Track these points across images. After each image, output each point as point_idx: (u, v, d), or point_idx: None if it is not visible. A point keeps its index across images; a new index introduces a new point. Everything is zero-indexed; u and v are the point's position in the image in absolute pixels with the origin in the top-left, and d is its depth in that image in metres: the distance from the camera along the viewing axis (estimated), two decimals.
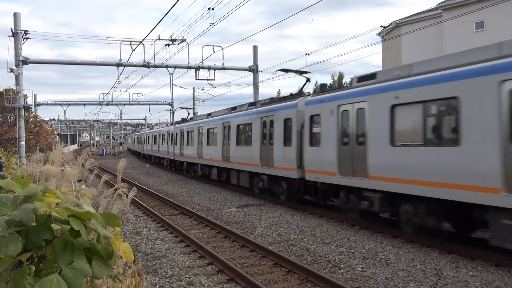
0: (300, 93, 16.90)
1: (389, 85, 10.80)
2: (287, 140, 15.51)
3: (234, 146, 20.20)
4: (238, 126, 20.10)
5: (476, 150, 8.46)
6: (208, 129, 24.40)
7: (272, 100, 18.72)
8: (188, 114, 37.89)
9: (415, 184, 9.72)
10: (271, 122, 16.71)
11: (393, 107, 10.52)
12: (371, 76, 11.96)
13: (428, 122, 9.89)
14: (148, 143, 46.97)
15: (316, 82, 73.66)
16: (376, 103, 11.11)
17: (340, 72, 65.82)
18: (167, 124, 44.60)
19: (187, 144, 28.87)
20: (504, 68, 8.01)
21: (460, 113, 8.83)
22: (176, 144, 32.01)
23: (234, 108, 21.98)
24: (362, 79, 12.35)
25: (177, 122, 34.98)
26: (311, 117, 14.03)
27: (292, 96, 16.84)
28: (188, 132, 28.89)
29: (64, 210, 1.79)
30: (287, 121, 15.54)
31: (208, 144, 24.34)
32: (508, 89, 7.90)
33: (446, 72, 9.27)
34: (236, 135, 20.11)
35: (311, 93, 18.54)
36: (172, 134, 33.67)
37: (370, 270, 8.44)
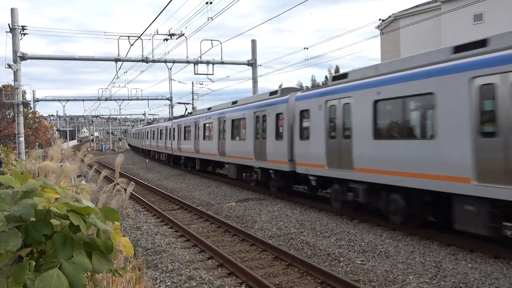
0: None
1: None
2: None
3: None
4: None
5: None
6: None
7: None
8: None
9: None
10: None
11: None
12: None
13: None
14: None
15: (312, 76, 73.60)
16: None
17: (336, 66, 65.66)
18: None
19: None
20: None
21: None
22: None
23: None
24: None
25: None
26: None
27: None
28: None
29: (64, 205, 1.79)
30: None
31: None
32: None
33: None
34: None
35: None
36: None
37: (370, 263, 8.47)
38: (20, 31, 25.04)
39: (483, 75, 8.44)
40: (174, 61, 29.72)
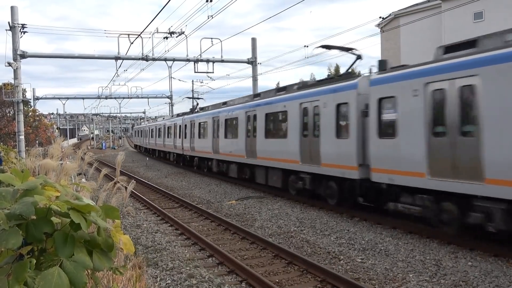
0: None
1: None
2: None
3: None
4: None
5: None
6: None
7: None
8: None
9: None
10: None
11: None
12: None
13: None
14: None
15: (312, 75, 73.51)
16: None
17: (336, 64, 65.62)
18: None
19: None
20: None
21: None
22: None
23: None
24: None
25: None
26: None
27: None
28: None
29: (64, 203, 1.79)
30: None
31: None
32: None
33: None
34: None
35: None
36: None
37: (370, 261, 8.48)
38: (20, 29, 25.04)
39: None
40: (174, 59, 29.72)
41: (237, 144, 19.87)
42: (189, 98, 37.48)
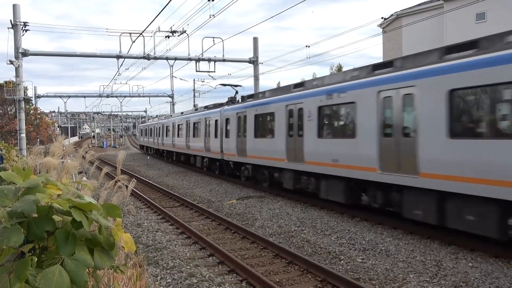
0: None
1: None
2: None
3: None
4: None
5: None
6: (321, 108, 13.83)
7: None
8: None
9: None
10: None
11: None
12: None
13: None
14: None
15: (314, 75, 73.35)
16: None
17: (339, 64, 65.65)
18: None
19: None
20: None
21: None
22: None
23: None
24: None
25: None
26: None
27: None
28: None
29: (66, 201, 1.79)
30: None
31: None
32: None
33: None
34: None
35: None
36: (216, 121, 23.13)
37: (370, 261, 8.47)
38: (22, 27, 25.06)
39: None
40: (175, 58, 29.72)
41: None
42: (224, 85, 26.18)
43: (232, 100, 23.60)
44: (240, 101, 22.37)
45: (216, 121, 23.31)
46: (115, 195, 6.75)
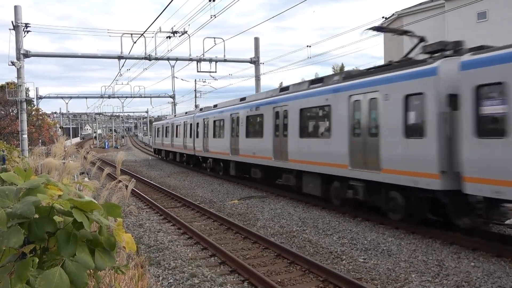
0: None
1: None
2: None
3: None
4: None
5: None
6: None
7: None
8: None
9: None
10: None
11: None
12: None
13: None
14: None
15: (316, 74, 73.41)
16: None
17: (342, 63, 65.74)
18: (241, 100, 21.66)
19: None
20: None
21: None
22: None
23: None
24: (282, 89, 17.18)
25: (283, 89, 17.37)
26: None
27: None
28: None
29: (67, 201, 1.79)
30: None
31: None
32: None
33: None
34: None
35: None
36: (191, 124, 24.14)
37: (372, 261, 8.46)
38: (24, 29, 25.11)
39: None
40: (177, 59, 29.74)
41: None
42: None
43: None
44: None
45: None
46: (115, 194, 6.75)
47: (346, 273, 7.78)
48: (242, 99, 21.21)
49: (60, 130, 63.60)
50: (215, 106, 25.68)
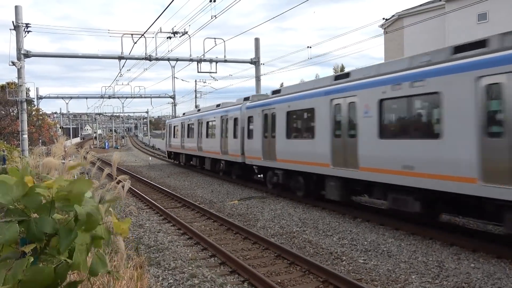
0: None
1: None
2: None
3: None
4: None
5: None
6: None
7: None
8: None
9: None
10: None
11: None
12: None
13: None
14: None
15: (317, 75, 73.39)
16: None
17: (342, 64, 65.84)
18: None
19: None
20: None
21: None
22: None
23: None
24: (274, 92, 17.88)
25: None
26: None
27: None
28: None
29: (63, 181, 1.81)
30: None
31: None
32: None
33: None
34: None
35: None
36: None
37: (372, 262, 8.45)
38: (24, 29, 25.11)
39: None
40: (177, 59, 29.74)
41: None
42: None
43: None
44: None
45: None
46: (110, 192, 6.74)
47: (346, 274, 7.76)
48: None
49: (60, 130, 63.62)
50: (276, 91, 17.96)
